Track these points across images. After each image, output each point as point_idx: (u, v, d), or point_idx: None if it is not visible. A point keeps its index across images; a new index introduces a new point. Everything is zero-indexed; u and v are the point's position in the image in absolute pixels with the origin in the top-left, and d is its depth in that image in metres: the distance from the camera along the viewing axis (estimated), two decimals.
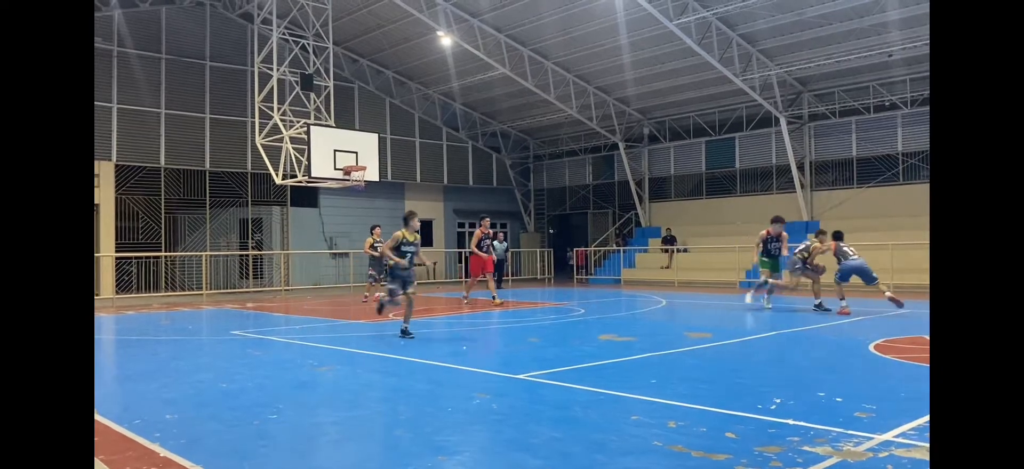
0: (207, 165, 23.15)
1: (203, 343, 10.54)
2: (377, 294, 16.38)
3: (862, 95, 21.80)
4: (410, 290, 9.83)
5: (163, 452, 4.40)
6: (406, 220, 9.98)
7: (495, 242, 19.87)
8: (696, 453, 4.16)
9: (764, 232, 13.89)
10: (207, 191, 23.11)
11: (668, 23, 18.07)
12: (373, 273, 16.62)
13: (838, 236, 13.49)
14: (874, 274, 12.91)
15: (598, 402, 5.79)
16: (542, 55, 22.97)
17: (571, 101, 24.50)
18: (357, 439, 4.86)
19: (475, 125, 29.71)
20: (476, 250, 15.79)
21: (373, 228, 16.80)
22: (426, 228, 28.14)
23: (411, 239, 9.84)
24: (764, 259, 13.81)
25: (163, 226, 22.11)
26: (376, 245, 16.46)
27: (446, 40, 22.11)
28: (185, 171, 22.69)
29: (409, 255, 9.82)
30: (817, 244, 13.54)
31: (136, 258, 21.05)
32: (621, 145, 26.68)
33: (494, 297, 15.57)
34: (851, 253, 13.13)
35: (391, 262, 9.88)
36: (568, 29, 21.06)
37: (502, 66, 22.46)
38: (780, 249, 13.71)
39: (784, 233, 13.84)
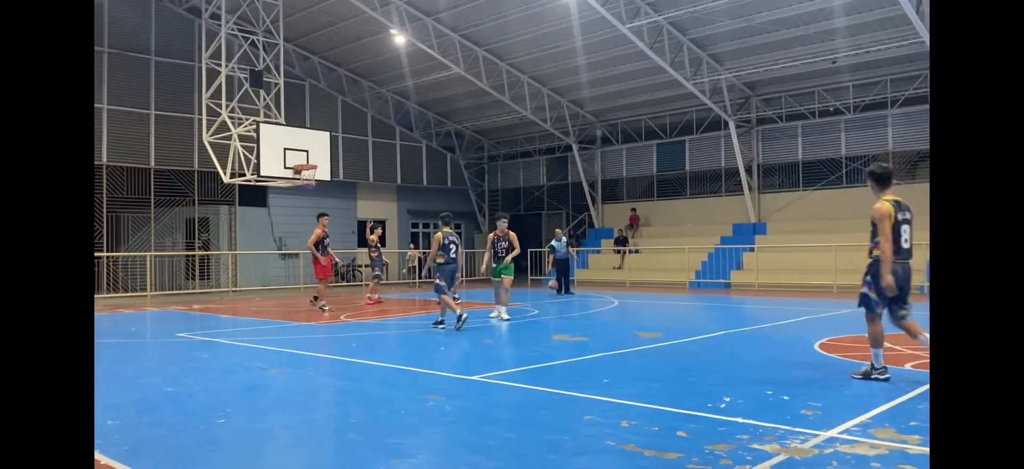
0: (152, 163, 22.51)
1: (147, 346, 10.24)
2: (377, 296, 16.35)
3: (808, 100, 22.40)
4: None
5: (104, 460, 4.26)
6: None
7: (555, 241, 19.68)
8: (648, 452, 4.21)
9: (492, 234, 12.36)
10: (152, 189, 22.48)
11: (621, 27, 18.26)
12: (378, 273, 16.92)
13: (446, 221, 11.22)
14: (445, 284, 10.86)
15: (552, 402, 5.81)
16: (497, 56, 22.97)
17: (526, 102, 24.57)
18: (308, 443, 4.77)
19: (429, 125, 29.54)
20: (314, 250, 14.33)
21: (373, 228, 16.80)
22: None
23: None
24: (494, 265, 12.27)
25: (105, 225, 21.40)
26: (376, 245, 16.59)
27: (400, 39, 21.93)
28: (129, 169, 22.03)
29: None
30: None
31: None
32: (575, 147, 26.87)
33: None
34: (451, 249, 10.89)
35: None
36: (523, 31, 21.11)
37: (457, 66, 22.39)
38: (509, 250, 12.27)
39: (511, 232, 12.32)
